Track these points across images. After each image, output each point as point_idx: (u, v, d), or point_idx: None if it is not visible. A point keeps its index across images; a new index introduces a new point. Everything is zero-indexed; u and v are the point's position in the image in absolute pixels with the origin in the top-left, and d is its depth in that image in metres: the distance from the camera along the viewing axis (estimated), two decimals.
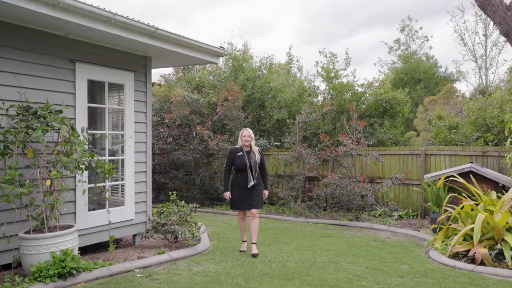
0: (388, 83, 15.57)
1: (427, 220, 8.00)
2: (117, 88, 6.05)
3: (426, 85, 21.68)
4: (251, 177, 5.55)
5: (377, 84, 10.98)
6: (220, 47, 6.41)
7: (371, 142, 8.76)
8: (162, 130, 11.08)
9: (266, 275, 4.62)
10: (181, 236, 5.71)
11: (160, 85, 13.24)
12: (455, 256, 5.56)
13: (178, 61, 6.60)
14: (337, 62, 10.78)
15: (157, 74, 15.28)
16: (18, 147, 4.22)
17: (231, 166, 5.71)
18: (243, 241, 5.83)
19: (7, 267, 4.36)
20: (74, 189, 5.16)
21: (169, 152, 10.89)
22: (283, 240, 6.63)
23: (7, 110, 4.29)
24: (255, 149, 5.71)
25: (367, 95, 10.69)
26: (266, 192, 5.82)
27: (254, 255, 5.47)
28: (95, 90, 6.15)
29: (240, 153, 5.63)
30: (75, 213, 5.19)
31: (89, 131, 5.26)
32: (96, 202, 5.72)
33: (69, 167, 4.25)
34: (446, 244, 5.88)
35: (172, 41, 5.65)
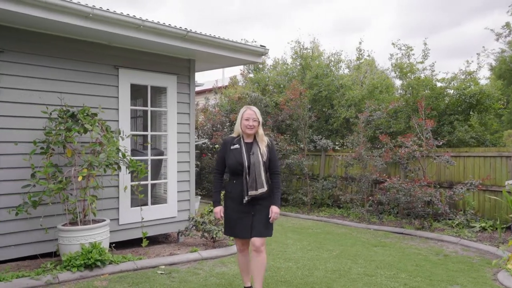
0: (480, 75, 13.62)
1: None
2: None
3: None
4: (250, 185, 3.52)
5: (463, 77, 9.63)
6: (261, 46, 6.28)
7: (440, 143, 7.75)
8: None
9: (283, 283, 4.38)
10: (216, 236, 5.74)
11: (233, 86, 13.59)
12: None
13: (221, 62, 6.65)
14: (413, 55, 9.77)
15: (226, 78, 15.76)
16: (58, 147, 4.70)
17: (223, 165, 3.73)
18: (245, 287, 3.88)
19: (49, 255, 4.86)
20: (117, 186, 5.55)
21: None
22: (328, 246, 6.23)
23: (50, 114, 4.79)
24: (263, 139, 3.67)
25: (449, 90, 9.49)
26: (275, 210, 3.62)
27: None
28: (152, 93, 6.48)
29: (236, 145, 3.64)
30: (118, 208, 5.57)
31: (130, 132, 5.61)
32: (147, 199, 5.98)
33: (97, 165, 4.57)
34: None
35: (207, 43, 5.70)
